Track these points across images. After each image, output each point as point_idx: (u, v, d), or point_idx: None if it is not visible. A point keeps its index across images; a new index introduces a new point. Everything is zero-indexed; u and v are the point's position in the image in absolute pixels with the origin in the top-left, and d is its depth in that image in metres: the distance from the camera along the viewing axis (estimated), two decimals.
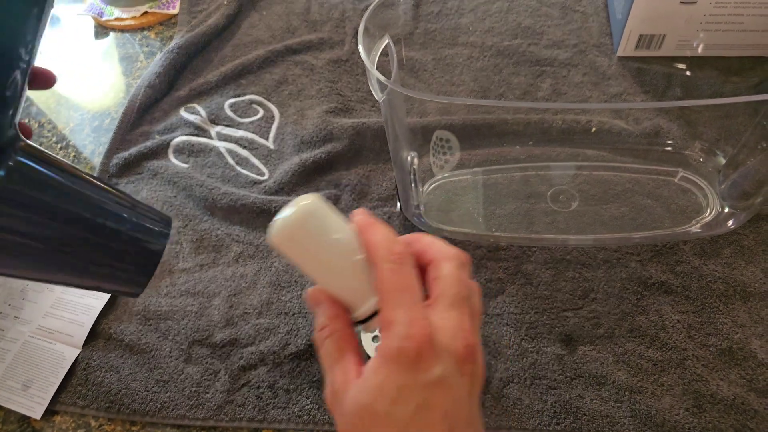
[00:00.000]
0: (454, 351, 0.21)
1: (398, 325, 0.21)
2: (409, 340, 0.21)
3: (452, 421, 0.21)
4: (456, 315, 0.22)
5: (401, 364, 0.21)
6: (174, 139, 0.50)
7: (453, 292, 0.22)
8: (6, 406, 0.37)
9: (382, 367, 0.21)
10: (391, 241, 0.22)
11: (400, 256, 0.22)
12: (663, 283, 0.39)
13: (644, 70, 0.50)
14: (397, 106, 0.35)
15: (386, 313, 0.21)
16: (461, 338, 0.22)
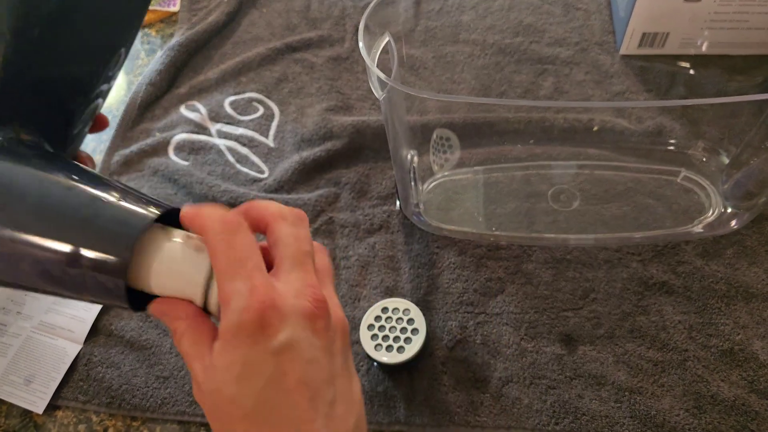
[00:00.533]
0: (301, 309, 0.20)
1: (236, 297, 0.20)
2: (248, 311, 0.19)
3: (310, 385, 0.20)
4: (299, 273, 0.21)
5: (243, 338, 0.19)
6: (174, 137, 0.50)
7: (292, 251, 0.21)
8: (8, 401, 0.37)
9: (225, 347, 0.20)
10: (220, 213, 0.21)
11: (230, 224, 0.21)
12: (664, 283, 0.39)
13: (647, 68, 0.50)
14: (397, 104, 0.34)
15: (223, 287, 0.20)
16: (308, 294, 0.21)
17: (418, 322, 0.37)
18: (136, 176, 0.48)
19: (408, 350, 0.35)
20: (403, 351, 0.35)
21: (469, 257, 0.41)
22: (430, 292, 0.40)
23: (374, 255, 0.42)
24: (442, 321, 0.39)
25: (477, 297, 0.40)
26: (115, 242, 0.20)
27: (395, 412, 0.36)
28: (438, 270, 0.41)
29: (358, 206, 0.45)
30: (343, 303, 0.40)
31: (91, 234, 0.21)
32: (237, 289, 0.20)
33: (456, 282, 0.40)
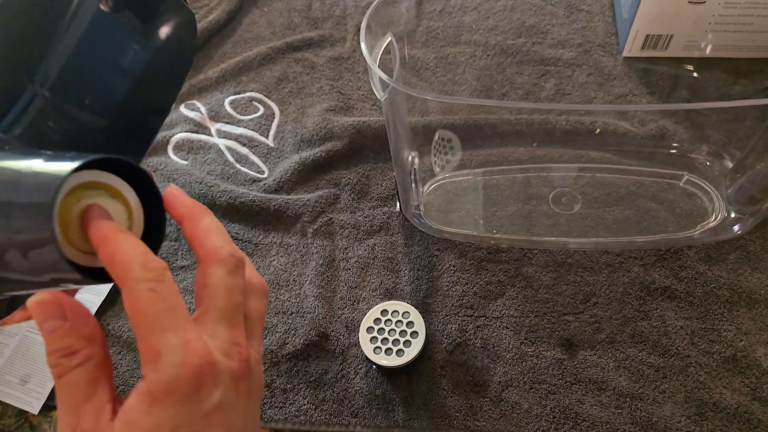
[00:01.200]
0: (229, 370, 0.19)
1: (170, 351, 0.18)
2: (185, 368, 0.18)
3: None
4: (226, 330, 0.20)
5: (176, 397, 0.18)
6: (174, 136, 0.50)
7: (222, 305, 0.20)
8: (4, 401, 0.37)
9: (154, 406, 0.18)
10: (144, 253, 0.19)
11: (156, 270, 0.18)
12: (666, 288, 0.39)
13: (650, 70, 0.50)
14: (398, 105, 0.34)
15: (150, 342, 0.18)
16: (236, 354, 0.20)
17: (418, 325, 0.36)
18: None
19: (407, 353, 0.35)
20: (402, 354, 0.35)
21: (469, 260, 0.41)
22: (429, 294, 0.40)
23: (374, 257, 0.42)
24: (441, 324, 0.39)
25: (477, 300, 0.39)
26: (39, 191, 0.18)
27: (393, 415, 0.35)
28: (438, 272, 0.41)
29: (358, 207, 0.45)
30: (341, 305, 0.40)
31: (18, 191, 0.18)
32: (170, 343, 0.18)
33: (456, 285, 0.40)
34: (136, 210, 0.21)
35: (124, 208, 0.21)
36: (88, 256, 0.20)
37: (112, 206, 0.20)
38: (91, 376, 0.19)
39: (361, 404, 0.36)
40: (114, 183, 0.20)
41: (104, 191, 0.20)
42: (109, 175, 0.20)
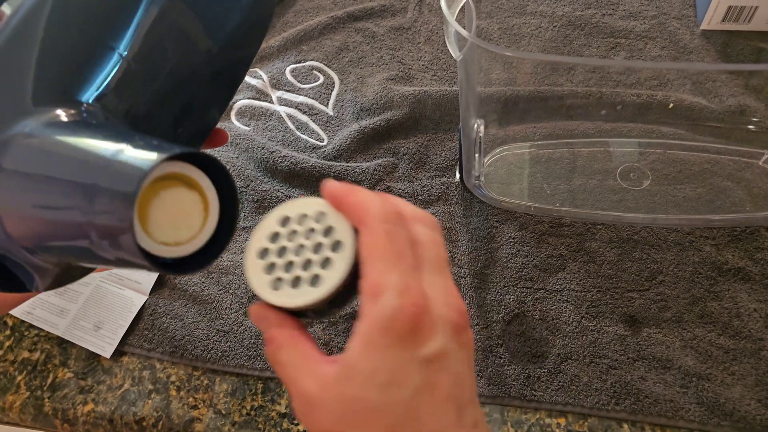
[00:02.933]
0: (449, 319, 0.19)
1: (389, 292, 0.18)
2: (402, 311, 0.18)
3: (458, 401, 0.19)
4: (443, 280, 0.20)
5: (393, 339, 0.18)
6: (236, 102, 0.52)
7: (433, 255, 0.20)
8: (79, 344, 0.41)
9: (371, 347, 0.18)
10: (383, 200, 0.20)
11: (393, 215, 0.19)
12: (740, 269, 0.38)
13: (730, 45, 0.48)
14: (472, 67, 0.35)
15: (374, 277, 0.18)
16: (454, 305, 0.19)
17: (341, 230, 0.21)
18: None
19: (325, 280, 0.21)
20: (318, 283, 0.21)
21: (529, 233, 0.41)
22: (488, 265, 0.41)
23: None
24: (499, 295, 0.39)
25: (537, 273, 0.40)
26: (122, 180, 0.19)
27: None
28: (497, 244, 0.41)
29: (416, 177, 0.46)
30: None
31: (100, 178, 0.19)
32: (391, 283, 0.18)
33: (515, 257, 0.41)
34: (212, 201, 0.22)
35: (200, 198, 0.22)
36: (160, 246, 0.21)
37: (189, 196, 0.22)
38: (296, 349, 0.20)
39: None
40: (192, 174, 0.22)
41: (182, 181, 0.22)
42: (188, 166, 0.21)
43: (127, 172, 0.19)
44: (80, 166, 0.20)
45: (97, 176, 0.19)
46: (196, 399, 0.38)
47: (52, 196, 0.20)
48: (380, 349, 0.18)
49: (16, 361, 0.40)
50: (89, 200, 0.19)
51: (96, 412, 0.38)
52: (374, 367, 0.18)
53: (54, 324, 0.41)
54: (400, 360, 0.18)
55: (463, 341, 0.20)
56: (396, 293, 0.18)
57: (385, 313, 0.18)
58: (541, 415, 0.35)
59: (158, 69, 0.25)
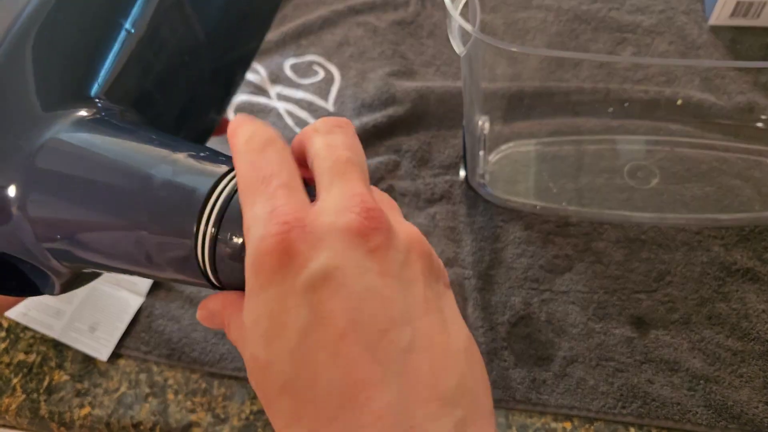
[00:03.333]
0: (344, 225, 0.15)
1: (254, 225, 0.15)
2: (265, 239, 0.15)
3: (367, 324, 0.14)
4: (340, 186, 0.16)
5: (265, 276, 0.15)
6: (234, 99, 0.51)
7: (328, 163, 0.17)
8: (74, 347, 0.40)
9: (249, 297, 0.15)
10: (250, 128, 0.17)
11: (261, 142, 0.17)
12: (749, 270, 0.38)
13: (739, 40, 0.47)
14: (476, 63, 0.34)
15: (244, 218, 0.16)
16: (353, 206, 0.15)
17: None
18: None
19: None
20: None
21: (535, 232, 0.41)
22: (492, 266, 0.40)
23: (434, 225, 0.42)
24: (504, 296, 0.39)
25: (543, 273, 0.39)
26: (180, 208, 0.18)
27: None
28: (502, 244, 0.41)
29: (419, 175, 0.45)
30: None
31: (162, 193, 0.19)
32: (256, 215, 0.15)
33: (521, 257, 0.40)
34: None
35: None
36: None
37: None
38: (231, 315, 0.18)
39: None
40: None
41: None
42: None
43: (191, 186, 0.18)
44: (132, 173, 0.19)
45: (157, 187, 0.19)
46: (194, 403, 0.37)
47: (95, 203, 0.20)
48: (257, 294, 0.15)
49: (11, 363, 0.40)
50: (146, 212, 0.19)
51: (93, 415, 0.37)
52: (255, 319, 0.15)
53: (49, 325, 0.41)
54: (275, 298, 0.14)
55: (373, 246, 0.15)
56: (259, 223, 0.15)
57: (251, 249, 0.15)
58: (546, 419, 0.35)
59: (162, 54, 0.25)
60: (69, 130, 0.21)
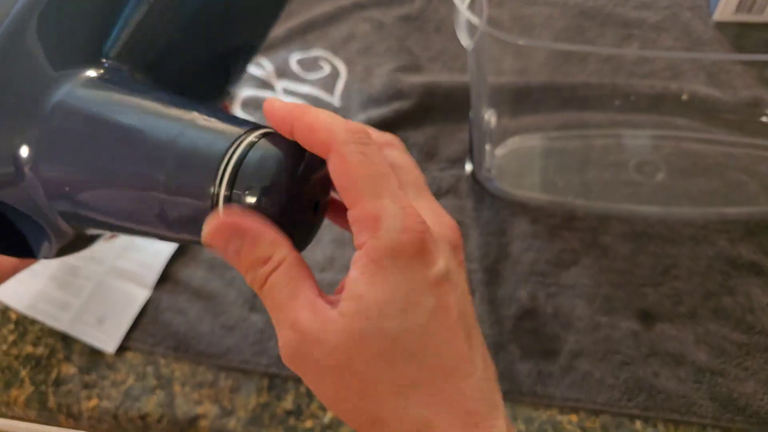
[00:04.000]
0: (448, 238, 0.19)
1: (389, 216, 0.17)
2: (408, 233, 0.17)
3: (466, 320, 0.18)
4: (428, 200, 0.20)
5: (403, 264, 0.17)
6: (240, 93, 0.52)
7: (413, 178, 0.20)
8: (82, 339, 0.40)
9: (379, 275, 0.17)
10: (339, 118, 0.18)
11: (360, 134, 0.18)
12: (754, 264, 0.38)
13: (744, 36, 0.48)
14: (485, 56, 0.34)
15: (366, 206, 0.17)
16: (447, 223, 0.19)
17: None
18: None
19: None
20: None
21: (542, 227, 0.41)
22: (499, 260, 0.41)
23: None
24: (510, 290, 0.39)
25: (549, 267, 0.40)
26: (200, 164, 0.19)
27: None
28: (508, 238, 0.41)
29: (425, 169, 0.45)
30: None
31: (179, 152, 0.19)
32: (389, 208, 0.17)
33: (528, 251, 0.41)
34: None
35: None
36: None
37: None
38: (290, 275, 0.18)
39: None
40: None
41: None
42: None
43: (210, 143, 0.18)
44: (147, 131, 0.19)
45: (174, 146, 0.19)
46: (201, 395, 0.38)
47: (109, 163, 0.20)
48: (391, 277, 0.17)
49: (20, 355, 0.40)
50: (163, 170, 0.19)
51: (100, 407, 0.38)
52: (389, 296, 0.17)
53: (57, 318, 0.41)
54: (412, 284, 0.17)
55: (460, 259, 0.20)
56: (396, 218, 0.17)
57: (390, 237, 0.17)
58: (552, 412, 0.35)
59: (175, 20, 0.25)
60: (81, 90, 0.21)
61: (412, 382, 0.17)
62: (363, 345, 0.17)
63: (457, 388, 0.18)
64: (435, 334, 0.18)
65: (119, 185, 0.20)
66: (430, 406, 0.17)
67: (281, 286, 0.18)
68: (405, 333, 0.17)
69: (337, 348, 0.17)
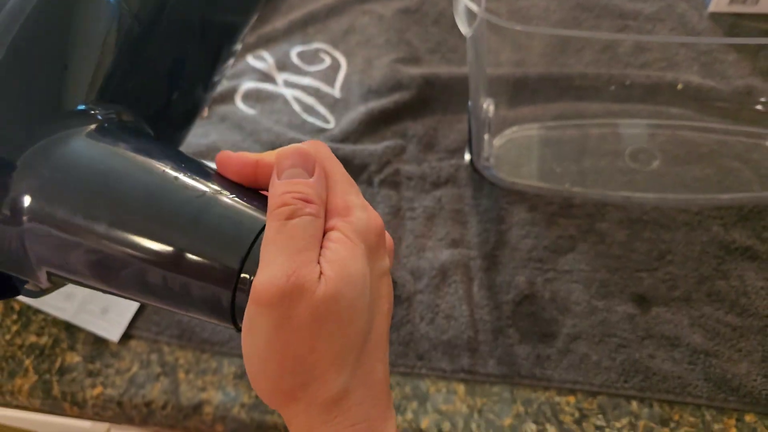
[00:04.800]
0: (388, 243, 0.22)
1: (359, 209, 0.20)
2: (371, 224, 0.20)
3: (390, 314, 0.21)
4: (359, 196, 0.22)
5: (367, 248, 0.20)
6: (241, 86, 0.53)
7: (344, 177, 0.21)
8: (87, 328, 0.41)
9: (354, 251, 0.19)
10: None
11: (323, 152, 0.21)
12: (748, 248, 0.39)
13: (738, 27, 0.49)
14: (483, 45, 0.35)
15: (344, 197, 0.20)
16: (378, 220, 0.21)
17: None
18: (204, 123, 0.51)
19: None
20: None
21: (540, 214, 0.42)
22: (497, 246, 0.42)
23: (440, 207, 0.44)
24: (509, 276, 0.40)
25: (547, 254, 0.41)
26: (226, 248, 0.19)
27: (459, 360, 0.38)
28: (507, 225, 0.42)
29: (424, 159, 0.46)
30: (407, 253, 0.42)
31: (200, 235, 0.19)
32: (356, 203, 0.20)
33: (526, 238, 0.42)
34: None
35: None
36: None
37: None
38: (315, 231, 0.19)
39: (426, 348, 0.38)
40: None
41: None
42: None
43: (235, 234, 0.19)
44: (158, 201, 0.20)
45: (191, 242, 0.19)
46: (205, 381, 0.39)
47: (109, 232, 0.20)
48: (359, 255, 0.19)
49: (23, 345, 0.41)
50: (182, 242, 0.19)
51: (105, 395, 0.39)
52: (357, 271, 0.19)
53: (61, 308, 0.42)
54: (371, 268, 0.20)
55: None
56: (363, 211, 0.20)
57: (359, 224, 0.20)
58: (551, 394, 0.36)
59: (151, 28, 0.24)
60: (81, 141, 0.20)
61: (347, 352, 0.19)
62: (334, 306, 0.18)
63: (374, 368, 0.20)
64: (375, 317, 0.20)
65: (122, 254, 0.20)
66: (353, 378, 0.19)
67: (305, 231, 0.19)
68: (359, 307, 0.19)
69: (320, 303, 0.18)
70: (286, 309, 0.18)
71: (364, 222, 0.20)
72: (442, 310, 0.39)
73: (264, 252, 0.19)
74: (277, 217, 0.19)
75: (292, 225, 0.19)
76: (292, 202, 0.19)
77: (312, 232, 0.19)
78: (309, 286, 0.18)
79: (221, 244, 0.19)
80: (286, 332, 0.18)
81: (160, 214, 0.20)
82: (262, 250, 0.19)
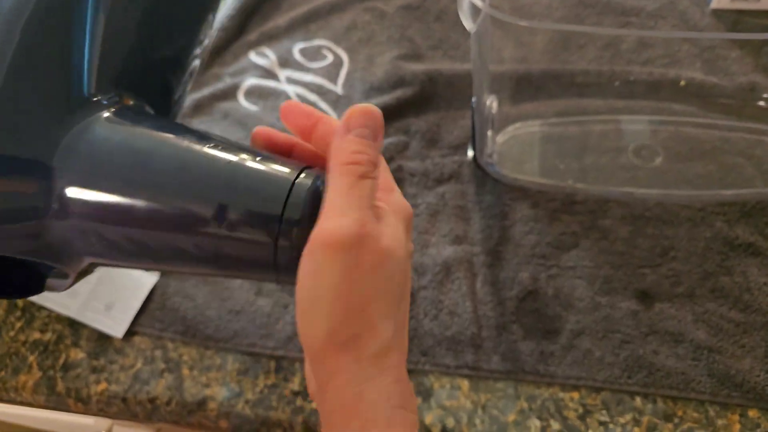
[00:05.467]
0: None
1: (397, 192, 0.23)
2: (407, 212, 0.23)
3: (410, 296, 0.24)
4: (398, 191, 0.24)
5: (403, 219, 0.22)
6: (244, 82, 0.53)
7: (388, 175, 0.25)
8: (91, 325, 0.41)
9: (396, 218, 0.22)
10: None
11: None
12: (751, 244, 0.39)
13: (741, 24, 0.49)
14: (486, 41, 0.35)
15: (384, 176, 0.23)
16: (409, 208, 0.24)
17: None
18: (207, 119, 0.51)
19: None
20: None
21: (542, 210, 0.43)
22: (501, 243, 0.42)
23: (444, 204, 0.44)
24: (512, 272, 0.40)
25: (550, 250, 0.41)
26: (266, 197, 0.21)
27: (463, 356, 0.38)
28: (510, 222, 0.43)
29: (428, 155, 0.46)
30: None
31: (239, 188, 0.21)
32: (394, 185, 0.23)
33: (529, 234, 0.42)
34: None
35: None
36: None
37: None
38: (377, 190, 0.22)
39: (430, 344, 0.38)
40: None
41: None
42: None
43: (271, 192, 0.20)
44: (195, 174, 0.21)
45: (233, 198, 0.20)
46: (209, 378, 0.39)
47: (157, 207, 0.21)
48: (402, 230, 0.22)
49: (27, 341, 0.41)
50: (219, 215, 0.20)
51: (109, 391, 0.39)
52: (401, 239, 0.21)
53: (65, 305, 0.42)
54: (405, 238, 0.22)
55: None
56: (398, 193, 0.23)
57: (400, 204, 0.23)
58: (554, 390, 0.37)
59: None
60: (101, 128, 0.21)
61: (394, 307, 0.21)
62: (388, 261, 0.20)
63: (403, 336, 0.22)
64: (406, 271, 0.22)
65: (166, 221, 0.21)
66: (394, 337, 0.21)
67: (372, 192, 0.21)
68: (403, 269, 0.21)
69: (381, 253, 0.20)
70: (356, 254, 0.19)
71: (402, 203, 0.22)
72: (445, 306, 0.39)
73: (336, 202, 0.20)
74: (351, 173, 0.21)
75: (363, 184, 0.21)
76: (366, 162, 0.21)
77: (374, 195, 0.21)
78: (375, 235, 0.20)
79: (261, 194, 0.21)
80: (354, 276, 0.19)
81: (198, 178, 0.21)
82: (334, 199, 0.20)
